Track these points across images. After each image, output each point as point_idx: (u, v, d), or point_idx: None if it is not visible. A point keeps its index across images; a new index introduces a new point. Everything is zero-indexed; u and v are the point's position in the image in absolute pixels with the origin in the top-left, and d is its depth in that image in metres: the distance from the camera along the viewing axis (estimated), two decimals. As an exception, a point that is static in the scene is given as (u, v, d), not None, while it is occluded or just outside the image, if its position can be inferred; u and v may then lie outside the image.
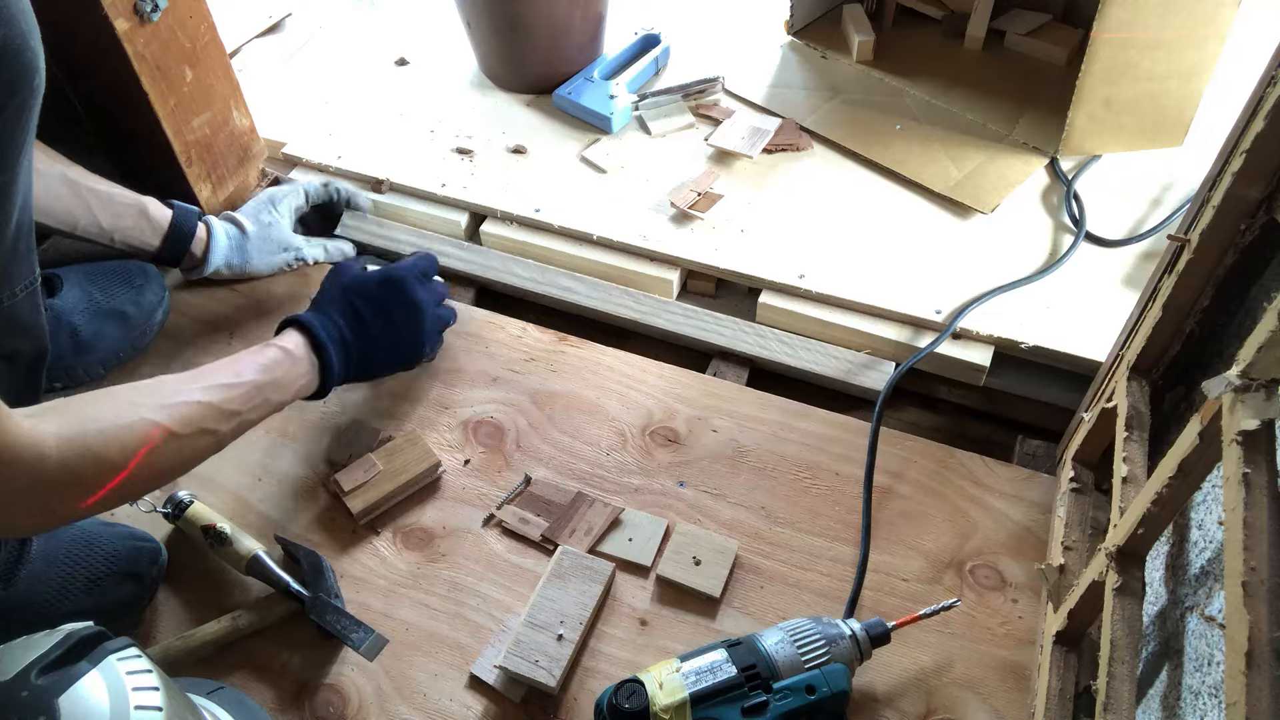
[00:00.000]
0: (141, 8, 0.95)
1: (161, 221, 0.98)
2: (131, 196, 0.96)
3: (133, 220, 0.96)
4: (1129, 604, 0.62)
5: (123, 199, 0.95)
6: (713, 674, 0.70)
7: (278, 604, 0.82)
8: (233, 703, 0.74)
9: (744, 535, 0.87)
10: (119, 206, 0.94)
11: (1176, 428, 0.70)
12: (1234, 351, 0.50)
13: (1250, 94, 0.59)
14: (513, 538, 0.88)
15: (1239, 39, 1.04)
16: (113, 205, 0.94)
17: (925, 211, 1.09)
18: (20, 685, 0.53)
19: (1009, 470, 0.90)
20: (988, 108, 1.19)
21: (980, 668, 0.79)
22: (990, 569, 0.84)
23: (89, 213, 0.92)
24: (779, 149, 1.16)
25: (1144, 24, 1.00)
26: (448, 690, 0.79)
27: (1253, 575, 0.44)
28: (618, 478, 0.91)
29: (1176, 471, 0.56)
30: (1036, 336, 0.95)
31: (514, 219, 1.12)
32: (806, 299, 1.02)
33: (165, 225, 0.98)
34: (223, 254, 1.02)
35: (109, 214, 0.94)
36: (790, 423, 0.95)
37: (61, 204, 0.90)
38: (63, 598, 0.79)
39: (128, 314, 0.99)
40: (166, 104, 1.02)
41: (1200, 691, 0.57)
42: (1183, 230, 0.67)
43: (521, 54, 1.22)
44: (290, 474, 0.92)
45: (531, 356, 1.01)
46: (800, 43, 1.31)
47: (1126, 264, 1.02)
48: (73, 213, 0.91)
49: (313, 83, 1.30)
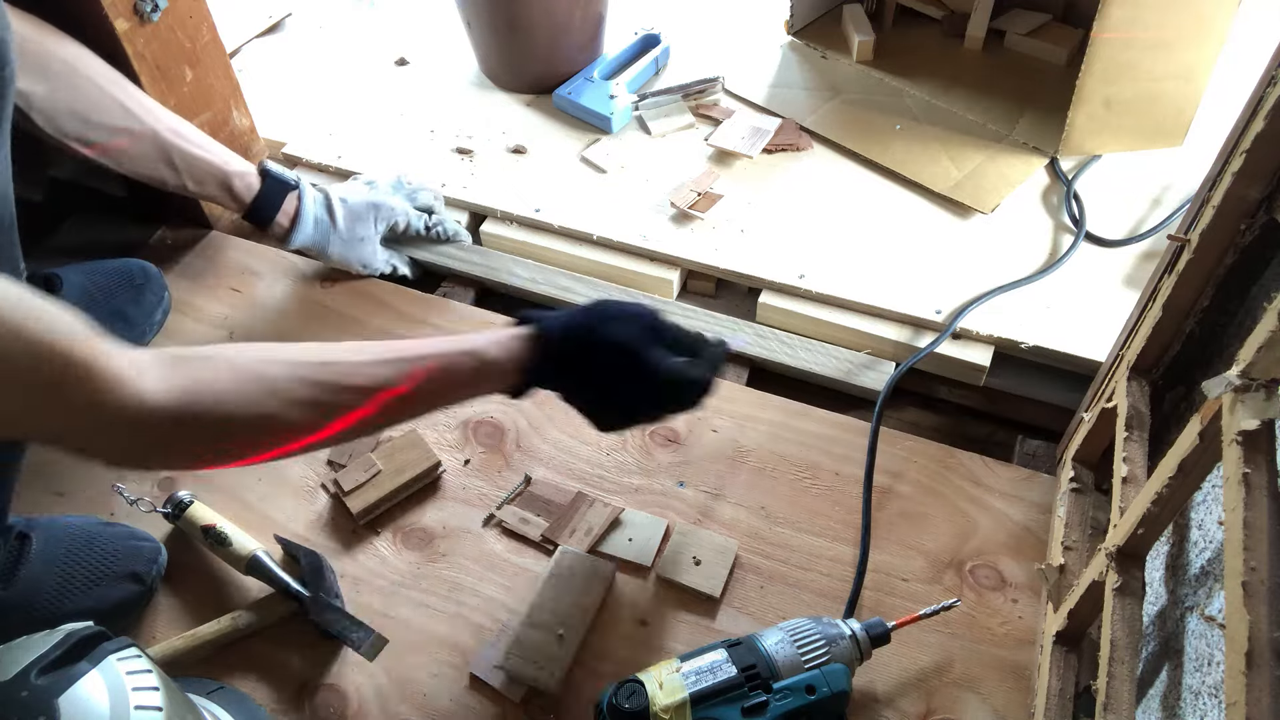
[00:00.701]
0: (141, 8, 0.95)
1: (245, 195, 0.97)
2: (218, 163, 0.95)
3: (215, 188, 0.96)
4: (1129, 604, 0.62)
5: (208, 165, 0.95)
6: (713, 674, 0.69)
7: (278, 604, 0.82)
8: (233, 703, 0.74)
9: (744, 535, 0.87)
10: (203, 172, 0.95)
11: (1176, 428, 0.70)
12: (1234, 351, 0.50)
13: (1250, 94, 0.59)
14: (513, 538, 0.88)
15: (1239, 39, 1.04)
16: (198, 169, 0.94)
17: (925, 211, 1.09)
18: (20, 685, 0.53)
19: (1009, 470, 0.90)
20: (988, 108, 1.19)
21: (980, 668, 0.79)
22: (990, 569, 0.84)
23: (176, 175, 0.94)
24: (779, 149, 1.16)
25: (1144, 24, 1.00)
26: (448, 690, 0.79)
27: (1253, 575, 0.44)
28: (618, 478, 0.91)
29: (1176, 471, 0.56)
30: (1036, 336, 0.95)
31: (514, 219, 1.12)
32: (806, 299, 1.02)
33: (249, 197, 0.98)
34: (305, 238, 1.01)
35: (193, 178, 0.95)
36: (790, 423, 0.95)
37: (150, 166, 0.92)
38: (63, 598, 0.79)
39: (128, 314, 0.99)
40: (166, 104, 1.01)
41: (1200, 691, 0.57)
42: (1183, 230, 0.67)
43: (521, 54, 1.22)
44: (290, 474, 0.92)
45: (531, 356, 1.01)
46: (800, 43, 1.31)
47: (1126, 264, 1.02)
48: (160, 174, 0.93)
49: (313, 83, 1.30)
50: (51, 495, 0.91)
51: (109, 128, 0.88)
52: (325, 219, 1.02)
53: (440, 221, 1.10)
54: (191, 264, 1.11)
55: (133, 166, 0.91)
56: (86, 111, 0.86)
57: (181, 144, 0.93)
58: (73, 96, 0.85)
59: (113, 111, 0.88)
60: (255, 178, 0.98)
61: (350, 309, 1.06)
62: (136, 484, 0.91)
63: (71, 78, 0.85)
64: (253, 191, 0.98)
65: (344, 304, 1.06)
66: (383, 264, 1.07)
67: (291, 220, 1.00)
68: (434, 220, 1.09)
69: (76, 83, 0.85)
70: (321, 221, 1.02)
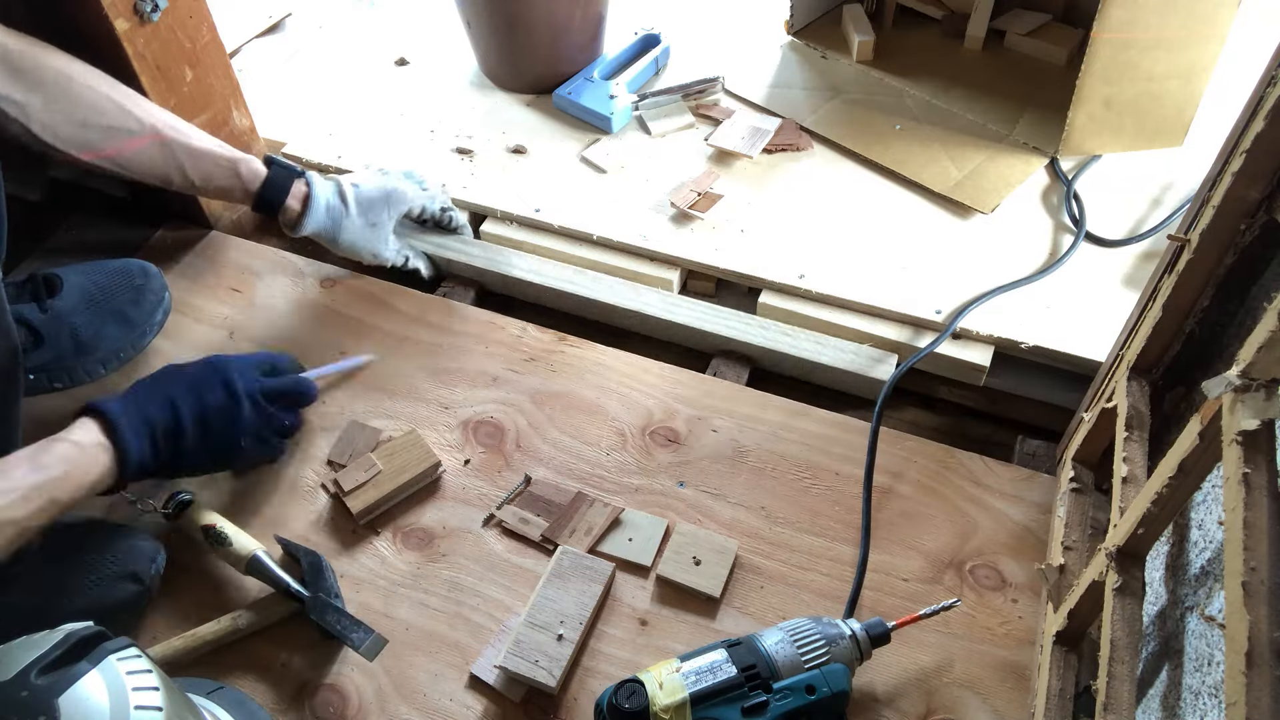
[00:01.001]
0: (141, 8, 0.95)
1: (252, 182, 0.96)
2: (224, 155, 0.94)
3: (223, 179, 0.95)
4: (1129, 604, 0.62)
5: (214, 157, 0.94)
6: (713, 674, 0.70)
7: (278, 604, 0.82)
8: (233, 703, 0.74)
9: (744, 535, 0.87)
10: (209, 165, 0.94)
11: (1176, 428, 0.70)
12: (1234, 351, 0.50)
13: (1250, 94, 0.59)
14: (513, 538, 0.88)
15: (1239, 39, 1.04)
16: (203, 163, 0.93)
17: (925, 211, 1.09)
18: (20, 685, 0.53)
19: (1009, 470, 0.90)
20: (988, 108, 1.19)
21: (980, 668, 0.79)
22: (990, 569, 0.84)
23: (181, 172, 0.92)
24: (779, 149, 1.16)
25: (1144, 24, 1.00)
26: (448, 690, 0.79)
27: (1253, 575, 0.44)
28: (618, 478, 0.91)
29: (1176, 471, 0.56)
30: (1036, 336, 0.95)
31: (514, 219, 1.12)
32: (806, 299, 1.02)
33: (256, 184, 0.96)
34: (316, 224, 0.99)
35: (199, 172, 0.93)
36: (790, 423, 0.95)
37: (154, 165, 0.91)
38: (62, 598, 0.79)
39: (128, 314, 0.99)
40: (166, 104, 1.02)
41: (1200, 691, 0.57)
42: (1183, 230, 0.67)
43: (521, 54, 1.22)
44: (290, 474, 0.92)
45: (531, 356, 1.01)
46: (800, 43, 1.31)
47: (1126, 264, 1.02)
48: (165, 173, 0.92)
49: (313, 83, 1.30)
50: (51, 495, 0.91)
51: (110, 129, 0.87)
52: (338, 204, 0.99)
53: (451, 209, 1.09)
54: (191, 264, 1.11)
55: (139, 168, 0.91)
56: (85, 116, 0.86)
57: (183, 139, 0.92)
58: (70, 103, 0.84)
59: (111, 114, 0.87)
60: (261, 165, 0.97)
61: (350, 309, 1.06)
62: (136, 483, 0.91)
63: (66, 85, 0.84)
64: (259, 177, 0.96)
65: (344, 304, 1.06)
66: (394, 254, 1.05)
67: (302, 204, 0.97)
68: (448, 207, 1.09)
69: (72, 89, 0.85)
70: (334, 207, 0.99)
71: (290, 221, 0.98)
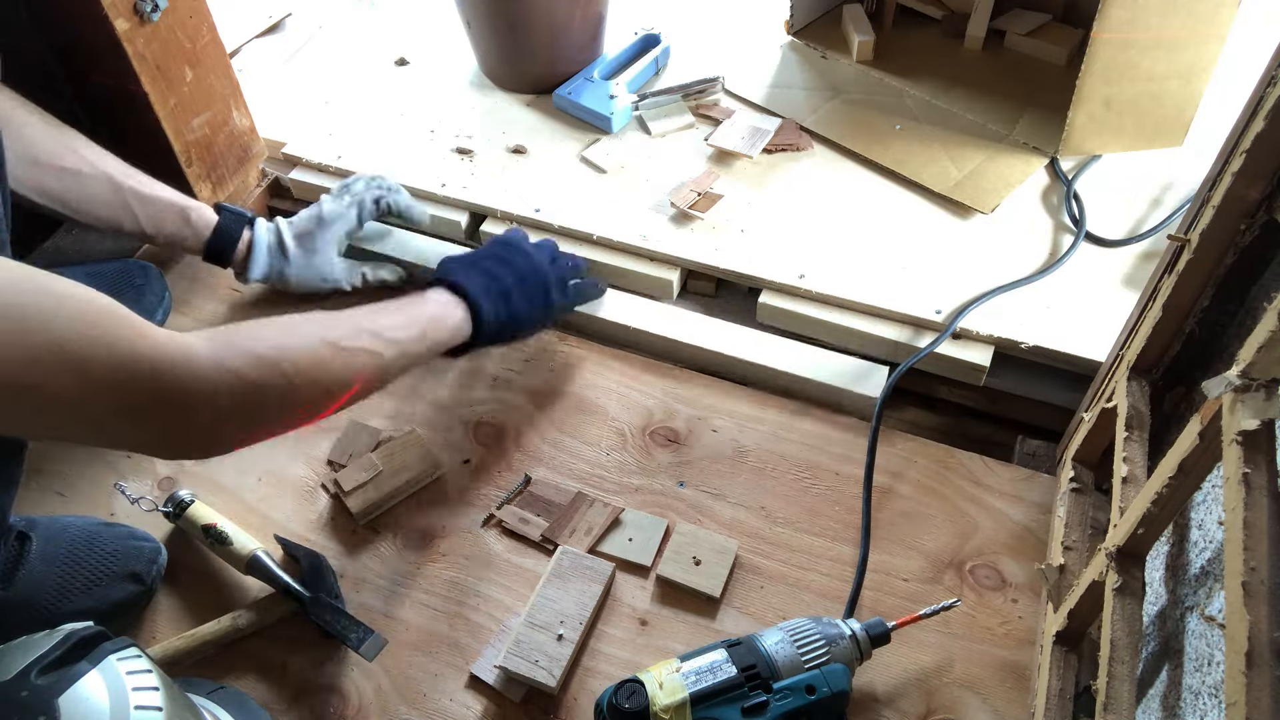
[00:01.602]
0: (141, 8, 0.95)
1: (203, 229, 0.96)
2: (175, 201, 0.94)
3: (174, 225, 0.94)
4: (1129, 604, 0.62)
5: (165, 203, 0.93)
6: (713, 674, 0.70)
7: (278, 604, 0.82)
8: (233, 703, 0.74)
9: (744, 535, 0.87)
10: (160, 210, 0.93)
11: (1176, 428, 0.70)
12: (1234, 351, 0.50)
13: (1250, 94, 0.59)
14: (513, 538, 0.88)
15: (1239, 39, 1.04)
16: (154, 208, 0.93)
17: (925, 211, 1.09)
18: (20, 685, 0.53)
19: (1009, 470, 0.90)
20: (988, 108, 1.19)
21: (980, 668, 0.79)
22: (990, 569, 0.84)
23: (132, 216, 0.92)
24: (779, 149, 1.16)
25: (1144, 24, 1.00)
26: (448, 690, 0.79)
27: (1253, 575, 0.44)
28: (618, 478, 0.91)
29: (1176, 471, 0.56)
30: (1036, 336, 0.95)
31: (514, 219, 1.12)
32: (806, 299, 1.02)
33: (207, 232, 0.96)
34: (261, 268, 0.99)
35: (150, 218, 0.93)
36: (790, 423, 0.95)
37: (106, 208, 0.90)
38: (63, 598, 0.79)
39: (128, 314, 0.99)
40: (166, 104, 1.02)
41: (1200, 691, 0.57)
42: (1183, 230, 0.67)
43: (521, 54, 1.22)
44: (290, 474, 0.92)
45: (531, 356, 1.01)
46: (800, 43, 1.31)
47: (1126, 264, 1.02)
48: (117, 216, 0.91)
49: (313, 83, 1.30)
50: (52, 495, 0.91)
51: (59, 169, 0.86)
52: (275, 245, 1.00)
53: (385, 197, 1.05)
54: (191, 264, 1.11)
55: (90, 210, 0.89)
56: (35, 154, 0.84)
57: (134, 184, 0.91)
58: (19, 141, 0.83)
59: (61, 155, 0.87)
60: (211, 213, 0.97)
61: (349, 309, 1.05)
62: (137, 484, 0.91)
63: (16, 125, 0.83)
64: (210, 225, 0.96)
65: (344, 305, 1.06)
66: (343, 274, 1.03)
67: (246, 252, 0.98)
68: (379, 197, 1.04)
69: (23, 131, 0.84)
70: (273, 248, 1.00)
71: (238, 269, 0.99)
